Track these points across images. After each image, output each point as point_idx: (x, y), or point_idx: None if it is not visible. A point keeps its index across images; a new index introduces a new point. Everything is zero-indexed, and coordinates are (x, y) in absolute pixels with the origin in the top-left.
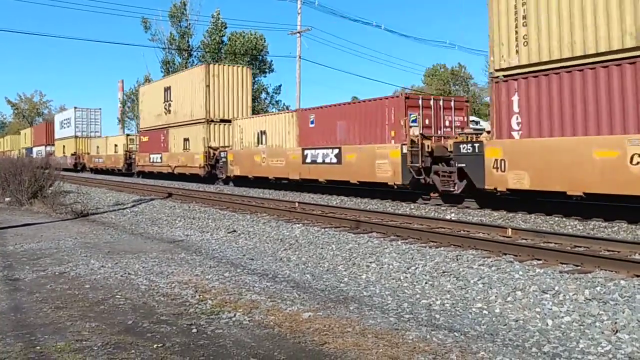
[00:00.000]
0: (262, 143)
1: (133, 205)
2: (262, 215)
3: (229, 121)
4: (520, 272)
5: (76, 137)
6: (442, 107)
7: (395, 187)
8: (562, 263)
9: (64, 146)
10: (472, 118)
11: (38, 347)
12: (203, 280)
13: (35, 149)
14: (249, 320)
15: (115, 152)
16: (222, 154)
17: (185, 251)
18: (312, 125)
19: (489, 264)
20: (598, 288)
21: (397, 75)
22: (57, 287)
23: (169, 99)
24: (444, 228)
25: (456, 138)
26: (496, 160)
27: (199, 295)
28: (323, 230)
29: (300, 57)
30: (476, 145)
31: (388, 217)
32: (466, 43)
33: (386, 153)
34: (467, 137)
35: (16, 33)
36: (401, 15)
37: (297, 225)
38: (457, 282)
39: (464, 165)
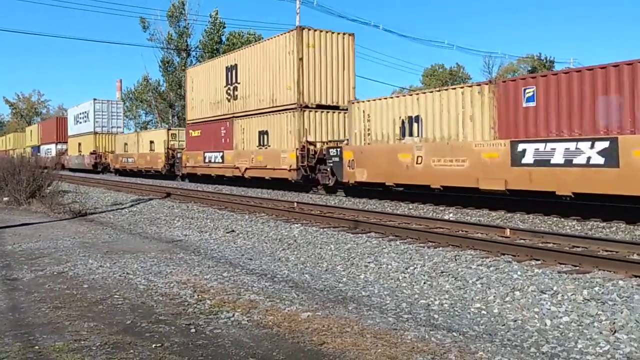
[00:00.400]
0: (411, 135)
1: (131, 205)
2: (260, 215)
3: (331, 107)
4: (519, 272)
5: (95, 133)
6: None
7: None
8: (561, 263)
9: (79, 144)
10: None
11: (36, 347)
12: (202, 280)
13: (43, 147)
14: (247, 320)
15: (152, 149)
16: (333, 152)
17: (183, 251)
18: (531, 104)
19: (488, 264)
20: (596, 288)
21: (396, 75)
22: (56, 286)
23: (233, 81)
24: (443, 228)
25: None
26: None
27: (198, 295)
28: (321, 230)
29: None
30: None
31: (386, 217)
32: (464, 43)
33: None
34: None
35: (14, 32)
36: (399, 15)
37: (296, 225)
38: (456, 282)
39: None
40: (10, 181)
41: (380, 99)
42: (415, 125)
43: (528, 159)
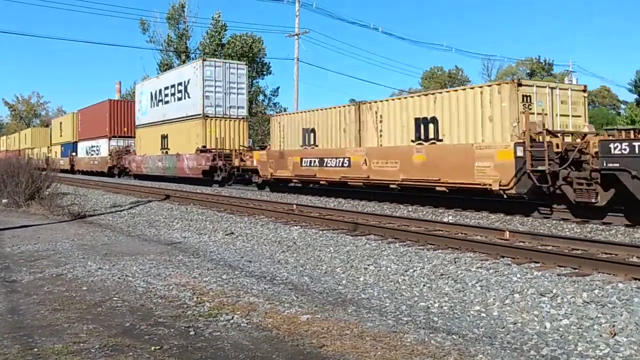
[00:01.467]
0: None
1: (130, 207)
2: (259, 217)
3: None
4: (518, 275)
5: (206, 117)
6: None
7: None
8: (560, 266)
9: (165, 137)
10: None
11: (35, 349)
12: (201, 282)
13: (83, 145)
14: (246, 323)
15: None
16: None
17: (183, 253)
18: None
19: (487, 266)
20: (596, 291)
21: (395, 77)
22: (55, 289)
23: None
24: (442, 230)
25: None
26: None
27: (197, 298)
28: (321, 232)
29: (298, 60)
30: None
31: (386, 220)
32: (463, 46)
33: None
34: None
35: (13, 34)
36: (399, 17)
37: (295, 227)
38: (455, 284)
39: None
40: (9, 183)
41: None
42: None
43: None
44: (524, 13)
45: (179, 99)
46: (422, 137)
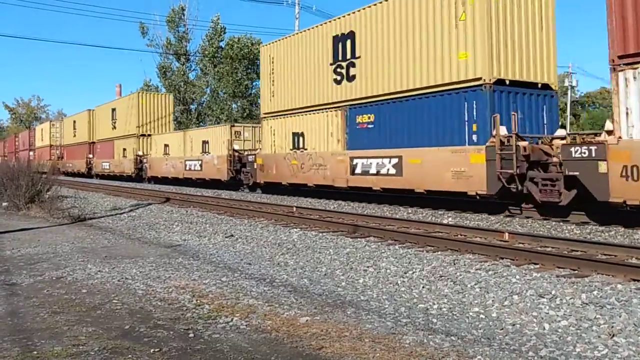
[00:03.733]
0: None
1: (130, 210)
2: (259, 220)
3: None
4: (517, 277)
5: None
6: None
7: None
8: (559, 267)
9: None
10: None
11: (35, 352)
12: (200, 284)
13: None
14: (246, 325)
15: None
16: None
17: (182, 256)
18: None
19: (486, 268)
20: (595, 292)
21: None
22: (54, 291)
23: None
24: (441, 232)
25: None
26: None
27: (196, 300)
28: (321, 234)
29: None
30: None
31: (385, 222)
32: None
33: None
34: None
35: (13, 38)
36: None
37: (295, 229)
38: (454, 286)
39: None
40: (10, 186)
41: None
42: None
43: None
44: None
45: None
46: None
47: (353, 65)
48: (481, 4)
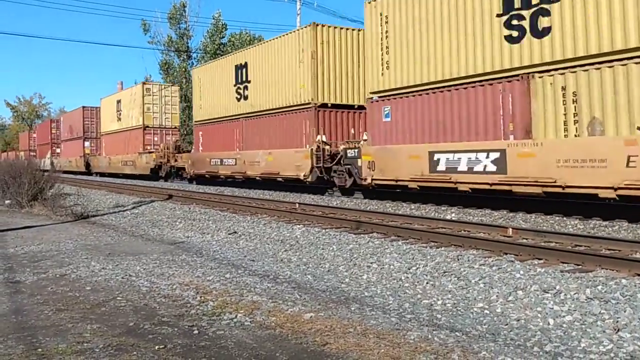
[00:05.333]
0: None
1: (133, 207)
2: (262, 217)
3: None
4: (522, 272)
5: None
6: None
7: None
8: (563, 262)
9: None
10: None
11: (40, 350)
12: (204, 281)
13: None
14: (250, 322)
15: None
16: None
17: (186, 253)
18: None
19: (490, 263)
20: (599, 287)
21: None
22: (58, 289)
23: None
24: (445, 228)
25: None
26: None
27: (200, 297)
28: (324, 231)
29: None
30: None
31: (389, 218)
32: None
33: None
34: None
35: (15, 35)
36: None
37: (298, 226)
38: (458, 282)
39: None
40: (12, 184)
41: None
42: None
43: None
44: None
45: None
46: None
47: None
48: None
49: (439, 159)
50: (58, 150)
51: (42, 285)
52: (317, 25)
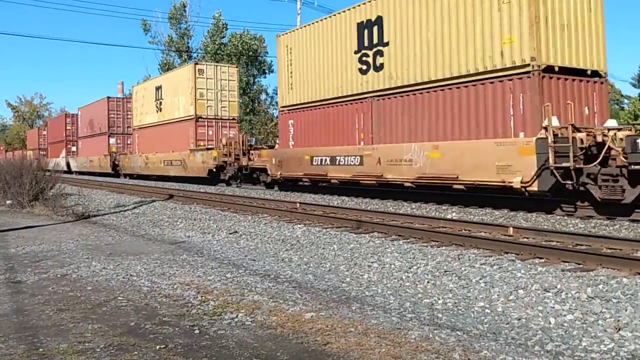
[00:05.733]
0: None
1: (134, 207)
2: (263, 216)
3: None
4: (522, 271)
5: None
6: None
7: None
8: (564, 261)
9: None
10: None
11: (41, 349)
12: (205, 281)
13: None
14: (251, 321)
15: None
16: None
17: (187, 252)
18: None
19: (491, 262)
20: (600, 286)
21: None
22: (59, 289)
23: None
24: (446, 227)
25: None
26: None
27: (201, 297)
28: (324, 230)
29: None
30: None
31: (389, 217)
32: None
33: None
34: None
35: (16, 36)
36: None
37: (299, 225)
38: (459, 281)
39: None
40: (13, 184)
41: None
42: None
43: None
44: None
45: None
46: None
47: None
48: None
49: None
50: (74, 149)
51: (43, 285)
52: None
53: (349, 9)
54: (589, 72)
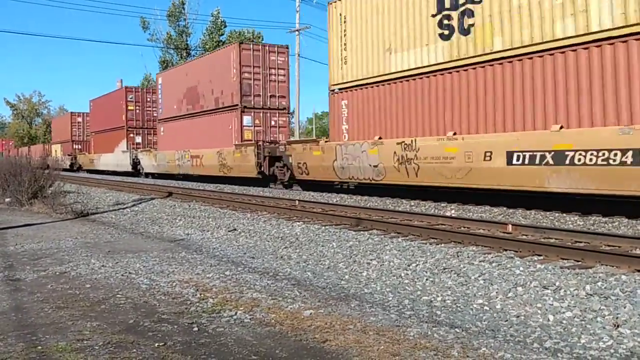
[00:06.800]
0: None
1: (133, 205)
2: (262, 214)
3: None
4: (521, 268)
5: None
6: None
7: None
8: (563, 258)
9: None
10: None
11: (39, 347)
12: (204, 279)
13: None
14: (250, 319)
15: None
16: None
17: (185, 250)
18: None
19: (490, 260)
20: (599, 283)
21: None
22: (58, 287)
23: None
24: (444, 225)
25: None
26: None
27: (200, 294)
28: (323, 228)
29: (299, 55)
30: None
31: (388, 214)
32: None
33: None
34: None
35: (14, 34)
36: None
37: (298, 223)
38: (458, 278)
39: None
40: (12, 182)
41: None
42: None
43: None
44: None
45: None
46: None
47: None
48: None
49: None
50: (139, 140)
51: (42, 283)
52: None
53: None
54: None
